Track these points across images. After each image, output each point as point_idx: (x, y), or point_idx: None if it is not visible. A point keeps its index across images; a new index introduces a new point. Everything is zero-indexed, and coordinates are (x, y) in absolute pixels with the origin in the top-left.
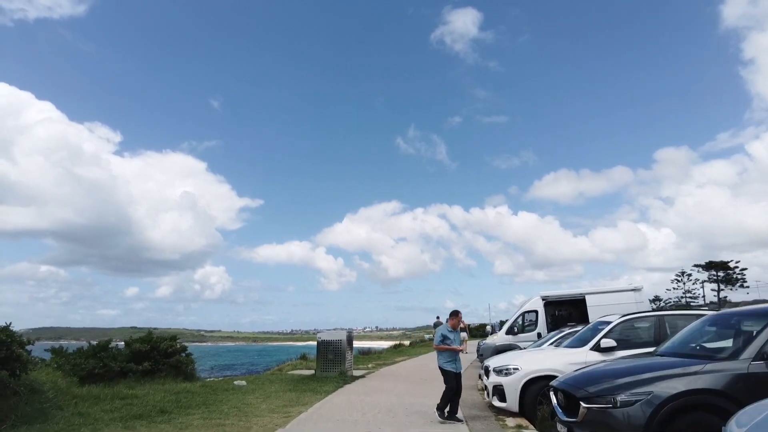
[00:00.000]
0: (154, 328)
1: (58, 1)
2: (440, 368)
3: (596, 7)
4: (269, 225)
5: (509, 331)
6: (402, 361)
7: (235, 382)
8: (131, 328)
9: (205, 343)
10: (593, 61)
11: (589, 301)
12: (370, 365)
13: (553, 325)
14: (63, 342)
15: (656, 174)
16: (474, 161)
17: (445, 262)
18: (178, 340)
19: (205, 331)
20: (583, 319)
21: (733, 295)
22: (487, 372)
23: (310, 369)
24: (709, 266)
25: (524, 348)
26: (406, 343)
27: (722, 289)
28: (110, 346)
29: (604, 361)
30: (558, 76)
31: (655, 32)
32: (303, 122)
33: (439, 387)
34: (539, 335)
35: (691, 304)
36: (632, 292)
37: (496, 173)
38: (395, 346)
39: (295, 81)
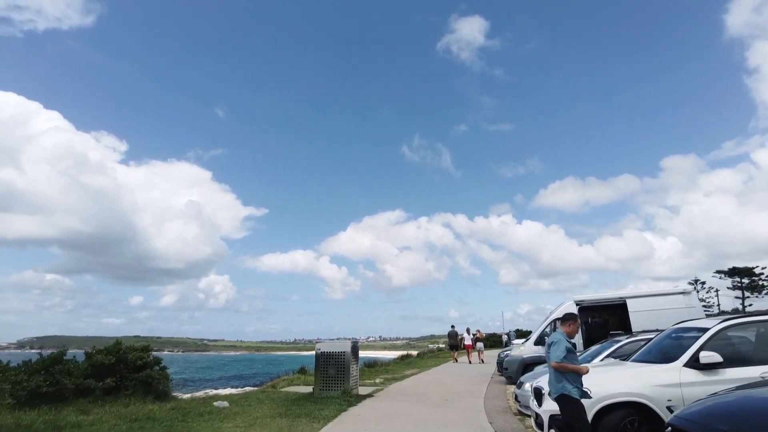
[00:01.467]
0: (158, 337)
1: (66, 12)
2: (559, 397)
3: (602, 16)
4: (273, 234)
5: (538, 342)
6: (413, 374)
7: (215, 404)
8: (134, 336)
9: (207, 353)
10: (600, 69)
11: (631, 305)
12: (377, 380)
13: (588, 333)
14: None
15: (663, 182)
16: (479, 169)
17: (450, 271)
18: (150, 352)
19: (209, 341)
20: (622, 326)
21: (758, 303)
22: (538, 396)
23: (308, 385)
24: (733, 272)
25: None
26: (414, 353)
27: (747, 297)
28: (66, 357)
29: (710, 382)
30: (564, 84)
31: (660, 41)
32: (308, 131)
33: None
34: (574, 346)
35: (707, 314)
36: (681, 296)
37: (502, 181)
38: (402, 357)
39: (300, 90)
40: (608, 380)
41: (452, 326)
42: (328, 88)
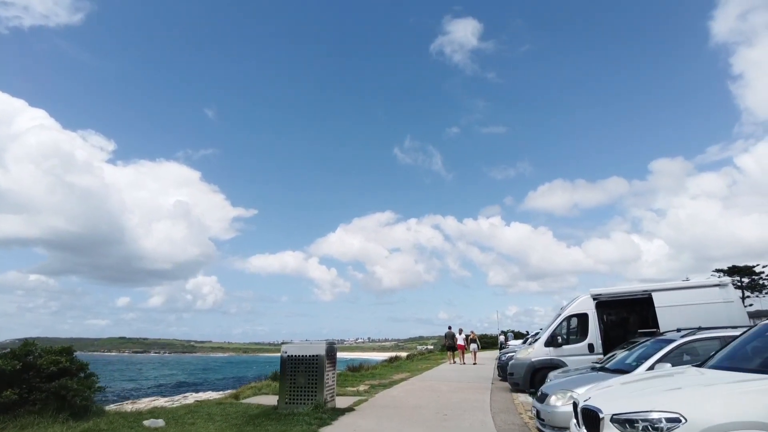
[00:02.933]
0: (144, 339)
1: (54, 9)
2: None
3: (593, 22)
4: (263, 235)
5: (550, 342)
6: (403, 380)
7: (146, 423)
8: (120, 338)
9: (194, 354)
10: (590, 73)
11: (658, 299)
12: (361, 387)
13: (606, 333)
14: None
15: (651, 185)
16: (470, 171)
17: (440, 272)
18: (72, 355)
19: (196, 342)
20: (643, 324)
21: (758, 302)
22: (591, 420)
23: (277, 394)
24: (733, 271)
25: (571, 365)
26: (403, 355)
27: (747, 296)
28: None
29: None
30: (556, 87)
31: (648, 46)
32: (298, 132)
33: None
34: (590, 347)
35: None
36: (717, 288)
37: (492, 184)
38: (391, 360)
39: (291, 91)
40: (710, 401)
41: (449, 327)
42: (320, 89)
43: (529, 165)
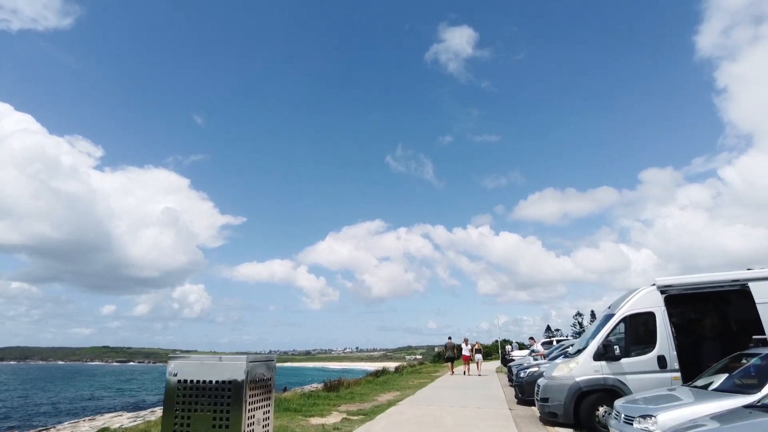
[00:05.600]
0: (128, 348)
1: (43, 13)
2: None
3: (587, 32)
4: (251, 243)
5: (602, 354)
6: (390, 404)
7: None
8: (103, 347)
9: None
10: (583, 82)
11: (761, 292)
12: (331, 419)
13: (680, 339)
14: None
15: (641, 194)
16: (462, 180)
17: (429, 281)
18: None
19: (181, 351)
20: (726, 326)
21: None
22: None
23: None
24: None
25: (633, 387)
26: (391, 367)
27: None
28: None
29: None
30: (550, 96)
31: (639, 58)
32: (289, 139)
33: None
34: (661, 361)
35: None
36: None
37: (484, 193)
38: (377, 374)
39: (282, 98)
40: None
41: (449, 338)
42: (312, 96)
43: (521, 174)
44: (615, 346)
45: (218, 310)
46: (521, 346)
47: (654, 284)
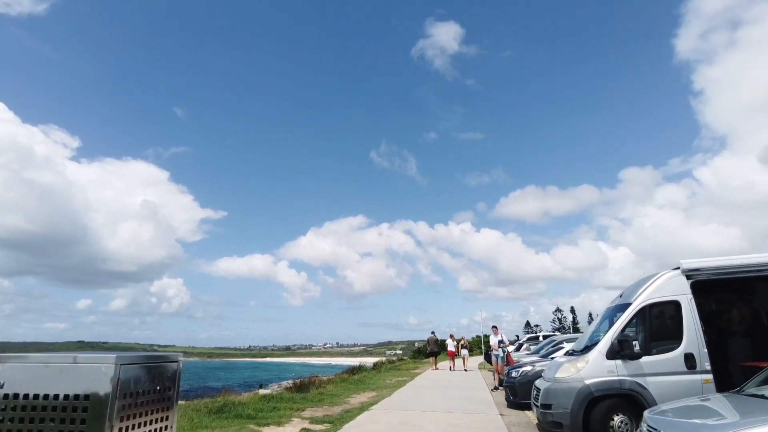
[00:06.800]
0: (104, 343)
1: None
2: None
3: (571, 34)
4: (231, 237)
5: (617, 352)
6: (363, 408)
7: None
8: (78, 342)
9: None
10: (567, 82)
11: None
12: (289, 428)
13: (710, 333)
14: None
15: (620, 193)
16: (445, 177)
17: (411, 277)
18: None
19: (159, 346)
20: (758, 319)
21: None
22: None
23: None
24: None
25: (655, 392)
26: (370, 361)
27: None
28: None
29: None
30: (534, 95)
31: (621, 59)
32: (271, 133)
33: None
34: (689, 360)
35: None
36: None
37: (466, 190)
38: (353, 371)
39: (265, 91)
40: None
41: (432, 332)
42: (296, 90)
43: (503, 172)
44: (634, 342)
45: (197, 305)
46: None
47: (678, 267)
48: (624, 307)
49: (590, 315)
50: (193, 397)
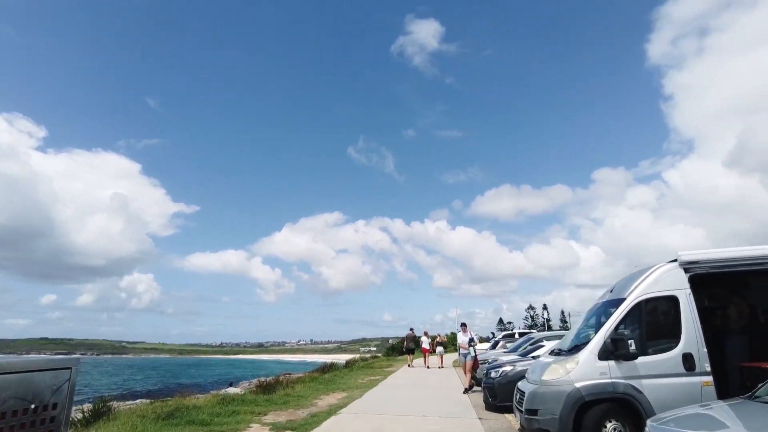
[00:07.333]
0: (69, 339)
1: None
2: None
3: (549, 35)
4: (204, 232)
5: (610, 352)
6: (331, 411)
7: None
8: (41, 339)
9: (125, 355)
10: (543, 82)
11: None
12: None
13: (704, 332)
14: None
15: (593, 193)
16: (422, 175)
17: (386, 274)
18: None
19: (128, 343)
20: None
21: None
22: None
23: None
24: None
25: (651, 397)
26: (343, 358)
27: None
28: None
29: None
30: (511, 95)
31: (596, 61)
32: (247, 125)
33: None
34: (687, 361)
35: None
36: None
37: (443, 188)
38: (324, 369)
39: (242, 84)
40: None
41: (411, 329)
42: (273, 83)
43: (480, 170)
44: (630, 341)
45: (169, 301)
46: (481, 339)
47: (675, 260)
48: (616, 302)
49: (563, 313)
50: (162, 397)
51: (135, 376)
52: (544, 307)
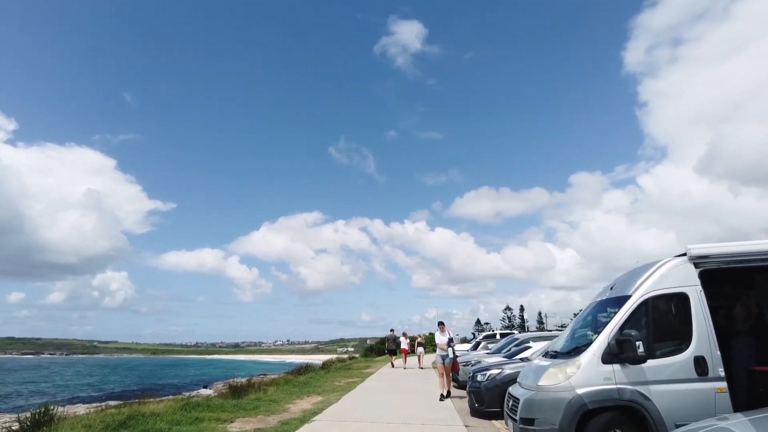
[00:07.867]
0: (38, 339)
1: None
2: None
3: (530, 39)
4: (180, 230)
5: (615, 355)
6: (304, 421)
7: None
8: (8, 338)
9: (97, 355)
10: (523, 85)
11: None
12: None
13: (721, 331)
14: None
15: (570, 197)
16: (403, 176)
17: (365, 275)
18: None
19: (99, 342)
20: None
21: None
22: None
23: None
24: None
25: (660, 403)
26: (318, 360)
27: None
28: None
29: None
30: (492, 97)
31: (576, 67)
32: (225, 122)
33: None
34: (699, 365)
35: None
36: None
37: (423, 189)
38: (299, 371)
39: (221, 80)
40: None
41: (391, 330)
42: (254, 81)
43: (459, 172)
44: (637, 343)
45: (142, 300)
46: (462, 340)
47: (685, 254)
48: (619, 300)
49: (540, 314)
50: (130, 398)
51: (109, 377)
52: (522, 309)
